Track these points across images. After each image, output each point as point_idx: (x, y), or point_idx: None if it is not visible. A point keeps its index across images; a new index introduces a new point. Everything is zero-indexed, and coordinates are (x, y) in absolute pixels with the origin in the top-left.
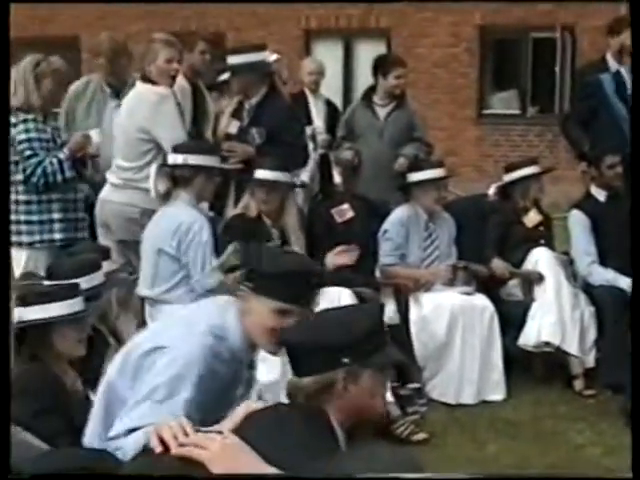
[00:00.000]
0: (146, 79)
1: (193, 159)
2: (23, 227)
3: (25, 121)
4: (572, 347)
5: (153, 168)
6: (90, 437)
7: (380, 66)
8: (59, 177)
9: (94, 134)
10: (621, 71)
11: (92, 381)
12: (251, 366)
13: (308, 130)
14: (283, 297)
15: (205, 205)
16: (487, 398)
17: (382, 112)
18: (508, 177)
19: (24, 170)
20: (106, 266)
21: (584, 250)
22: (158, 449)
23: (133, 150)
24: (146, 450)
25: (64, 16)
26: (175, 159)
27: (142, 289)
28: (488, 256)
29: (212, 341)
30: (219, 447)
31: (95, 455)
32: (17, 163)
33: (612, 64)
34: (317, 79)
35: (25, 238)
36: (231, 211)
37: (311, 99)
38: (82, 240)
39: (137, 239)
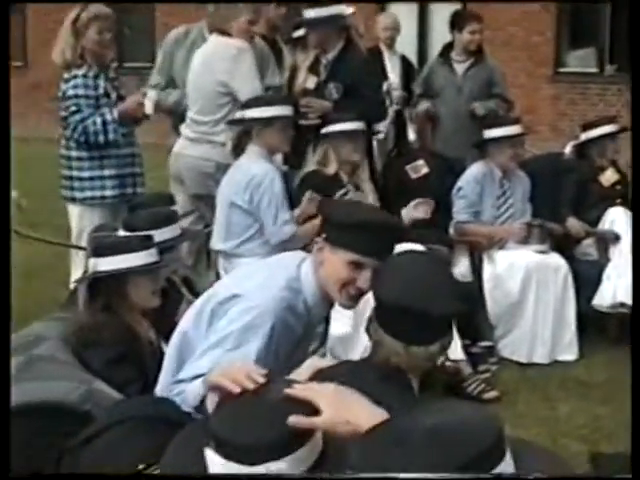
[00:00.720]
0: (223, 33)
1: (264, 111)
2: (75, 183)
3: (75, 77)
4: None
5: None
6: (162, 388)
7: (456, 21)
8: (101, 138)
9: (151, 96)
10: None
11: (165, 332)
12: (325, 321)
13: (384, 86)
14: (358, 249)
15: (279, 159)
16: (559, 358)
17: (460, 68)
18: (585, 136)
19: (67, 126)
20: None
21: None
22: (236, 389)
23: (209, 103)
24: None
25: None
26: (247, 112)
27: (216, 242)
28: (563, 215)
29: (288, 294)
30: (333, 390)
31: (167, 405)
32: (66, 119)
33: None
34: (392, 35)
35: (76, 194)
36: (306, 166)
37: (386, 55)
38: (140, 195)
39: (211, 193)
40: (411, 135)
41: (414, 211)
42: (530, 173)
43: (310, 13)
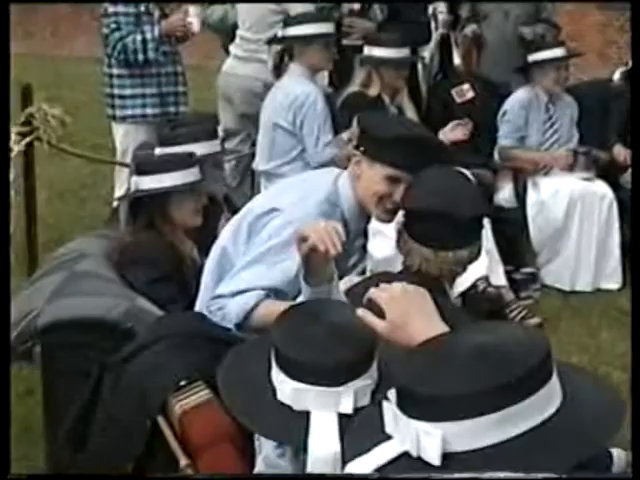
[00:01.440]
0: None
1: (305, 28)
2: (117, 101)
3: None
4: None
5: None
6: (201, 303)
7: None
8: (140, 56)
9: (197, 14)
10: None
11: (207, 250)
12: (363, 235)
13: (429, 9)
14: (396, 163)
15: (324, 80)
16: (602, 286)
17: None
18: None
19: (108, 44)
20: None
21: None
22: (322, 247)
23: (260, 21)
24: (252, 311)
25: None
26: (288, 30)
27: (259, 163)
28: (610, 142)
29: (326, 207)
30: (400, 292)
31: (208, 321)
32: (107, 37)
33: None
34: None
35: (118, 112)
36: (348, 87)
37: None
38: (184, 114)
39: (258, 112)
40: (457, 59)
41: (452, 133)
42: (577, 99)
43: None
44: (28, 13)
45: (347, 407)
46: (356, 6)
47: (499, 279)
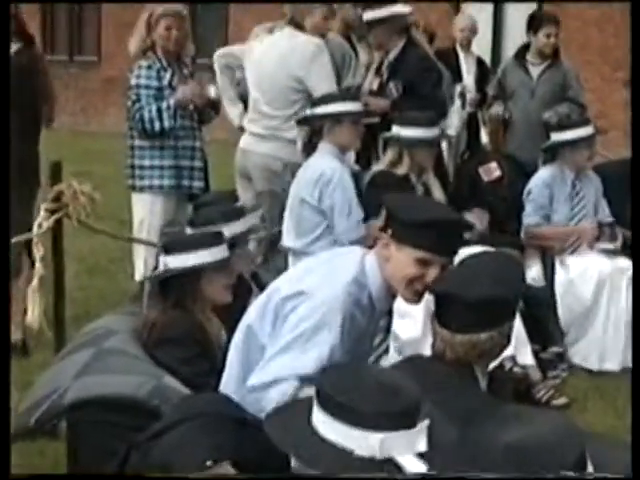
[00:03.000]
0: (297, 26)
1: (334, 107)
2: (136, 172)
3: (140, 67)
4: None
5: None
6: (227, 382)
7: (532, 24)
8: (157, 125)
9: (212, 90)
10: None
11: (234, 328)
12: (388, 314)
13: (458, 87)
14: (426, 246)
15: (351, 158)
16: (631, 366)
17: (535, 71)
18: None
19: (129, 116)
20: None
21: None
22: None
23: (282, 98)
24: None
25: None
26: (316, 109)
27: (286, 240)
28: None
29: (355, 288)
30: None
31: (235, 403)
32: (129, 109)
33: None
34: (469, 36)
35: (137, 182)
36: (375, 166)
37: (462, 56)
38: (198, 189)
39: (276, 191)
40: (484, 137)
41: (471, 218)
42: (603, 178)
43: (369, 14)
44: (59, 89)
45: (423, 445)
46: (374, 86)
47: (526, 358)
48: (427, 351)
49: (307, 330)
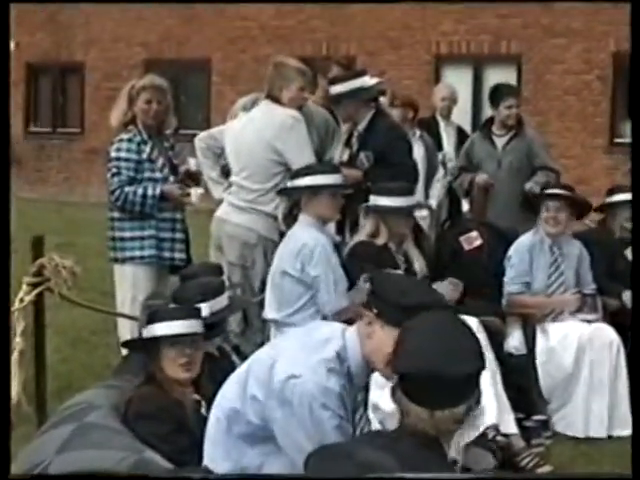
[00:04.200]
0: (274, 99)
1: (311, 179)
2: (117, 243)
3: (120, 140)
4: None
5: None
6: (213, 456)
7: (493, 96)
8: (137, 208)
9: (192, 162)
10: None
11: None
12: (365, 389)
13: (439, 156)
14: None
15: (332, 228)
16: (615, 433)
17: (500, 142)
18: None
19: (109, 189)
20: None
21: None
22: None
23: (261, 171)
24: None
25: (197, 39)
26: (295, 181)
27: (268, 312)
28: (618, 288)
29: (335, 364)
30: None
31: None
32: (109, 181)
33: None
34: (449, 105)
35: (118, 254)
36: (355, 237)
37: (442, 125)
38: (180, 260)
39: (246, 264)
40: (464, 206)
41: (450, 290)
42: (585, 245)
43: (336, 88)
44: (42, 160)
45: None
46: (345, 158)
47: (509, 427)
48: None
49: (309, 429)
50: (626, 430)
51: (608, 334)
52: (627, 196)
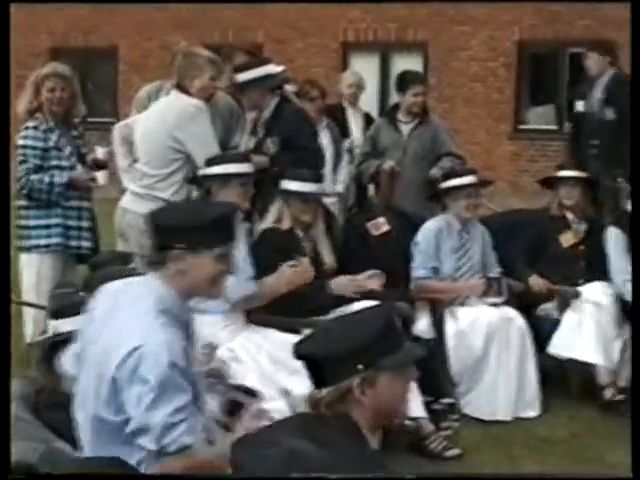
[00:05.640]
0: (183, 90)
1: (220, 168)
2: (23, 232)
3: (26, 128)
4: (596, 358)
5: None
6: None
7: (399, 83)
8: (44, 197)
9: (99, 151)
10: None
11: None
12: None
13: (346, 143)
14: (219, 242)
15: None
16: (522, 415)
17: (405, 129)
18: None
19: (16, 177)
20: None
21: (620, 267)
22: None
23: (160, 157)
24: None
25: (104, 27)
26: (206, 170)
27: None
28: (524, 272)
29: (164, 318)
30: None
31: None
32: (17, 169)
33: None
34: (356, 92)
35: (23, 242)
36: (261, 223)
37: (349, 112)
38: (87, 249)
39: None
40: (370, 191)
41: (367, 282)
42: (491, 229)
43: (242, 76)
44: None
45: None
46: (251, 145)
47: (418, 411)
48: None
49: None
50: (532, 412)
51: (514, 318)
52: (573, 173)
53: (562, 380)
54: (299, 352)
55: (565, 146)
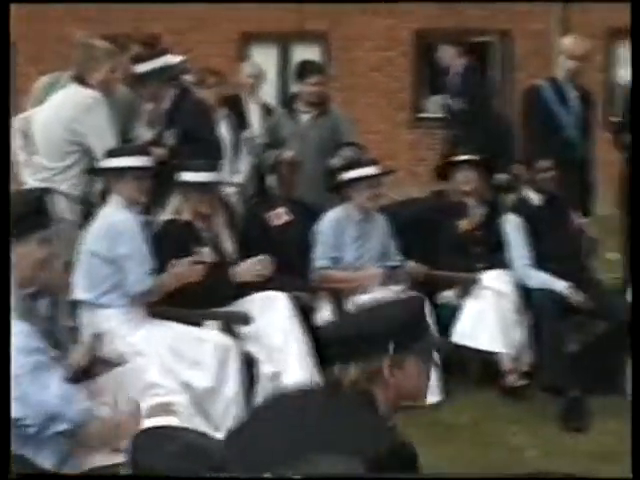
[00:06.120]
0: (81, 81)
1: (117, 161)
2: None
3: None
4: (498, 346)
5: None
6: None
7: (298, 73)
8: None
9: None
10: (557, 78)
11: None
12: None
13: (245, 134)
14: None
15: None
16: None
17: (305, 119)
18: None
19: None
20: None
21: (520, 254)
22: None
23: (58, 150)
24: None
25: None
26: (103, 162)
27: (77, 293)
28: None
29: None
30: None
31: None
32: None
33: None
34: (255, 83)
35: None
36: (161, 215)
37: (249, 102)
38: None
39: None
40: (270, 182)
41: (257, 269)
42: (390, 218)
43: (140, 67)
44: None
45: None
46: (148, 136)
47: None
48: (220, 402)
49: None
50: (433, 397)
51: None
52: (467, 157)
53: (461, 365)
54: (333, 331)
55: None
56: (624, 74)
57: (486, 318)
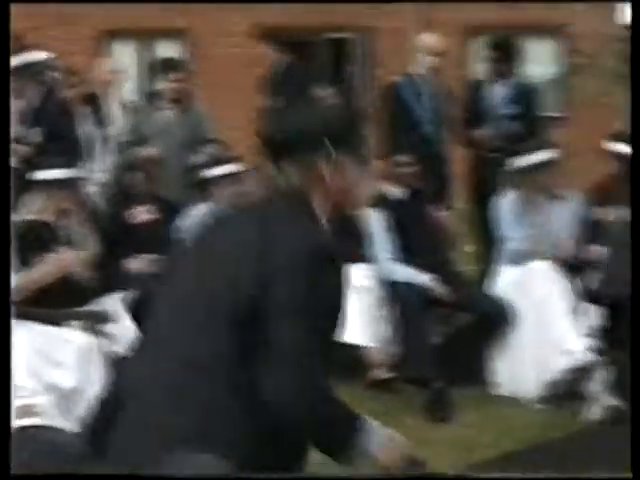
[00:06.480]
0: None
1: None
2: None
3: None
4: (363, 340)
5: None
6: None
7: (159, 70)
8: None
9: None
10: (414, 75)
11: None
12: None
13: (106, 131)
14: None
15: None
16: None
17: (167, 115)
18: None
19: None
20: None
21: (382, 248)
22: None
23: None
24: None
25: None
26: None
27: None
28: None
29: None
30: None
31: None
32: None
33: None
34: (115, 79)
35: None
36: (20, 213)
37: (109, 100)
38: None
39: None
40: (133, 179)
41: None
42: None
43: None
44: None
45: None
46: (12, 132)
47: None
48: (82, 403)
49: None
50: None
51: None
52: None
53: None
54: (270, 128)
55: None
56: (481, 70)
57: (349, 312)
